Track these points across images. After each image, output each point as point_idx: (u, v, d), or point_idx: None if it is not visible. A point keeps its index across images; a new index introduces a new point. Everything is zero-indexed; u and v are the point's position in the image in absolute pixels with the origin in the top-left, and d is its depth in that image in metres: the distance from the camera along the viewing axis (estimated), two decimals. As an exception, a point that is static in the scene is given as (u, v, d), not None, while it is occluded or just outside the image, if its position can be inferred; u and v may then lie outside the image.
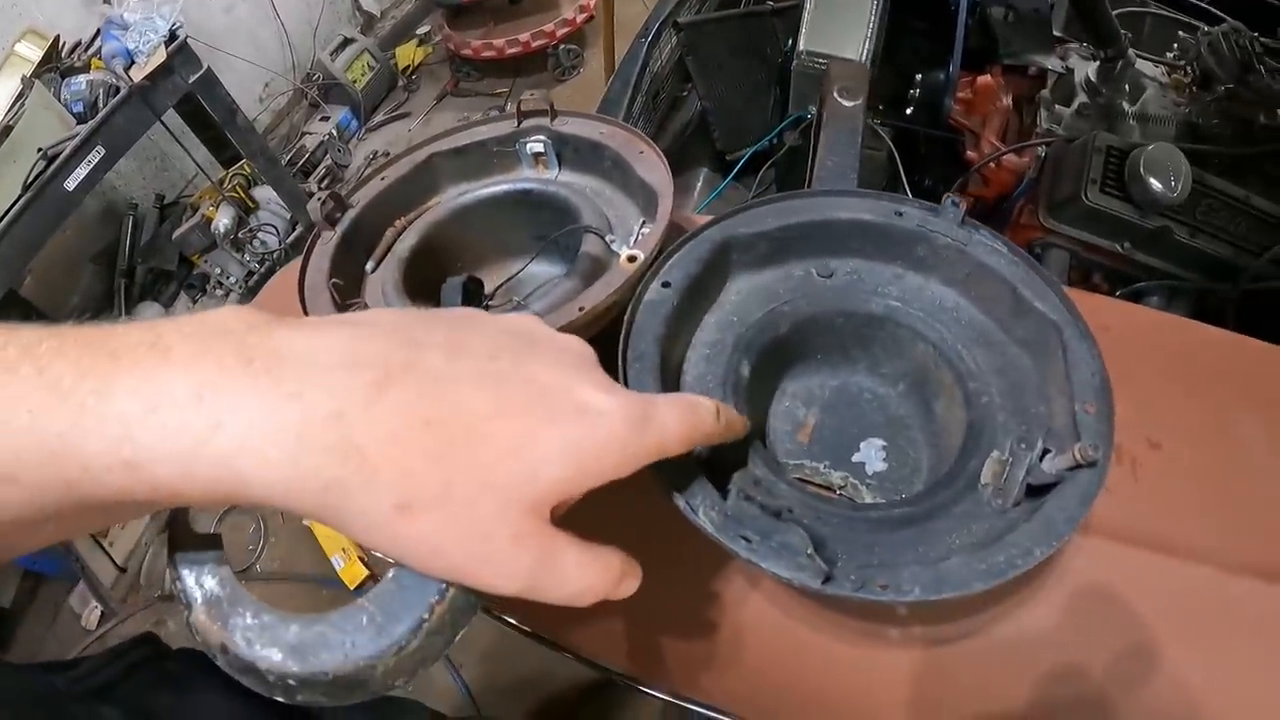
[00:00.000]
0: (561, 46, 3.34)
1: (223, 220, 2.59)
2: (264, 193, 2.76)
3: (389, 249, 0.67)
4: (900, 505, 0.49)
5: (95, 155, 1.98)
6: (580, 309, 0.49)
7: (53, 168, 1.90)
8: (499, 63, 3.39)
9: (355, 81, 3.47)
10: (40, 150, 1.91)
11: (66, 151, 1.92)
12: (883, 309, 0.56)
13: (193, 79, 2.18)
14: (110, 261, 2.84)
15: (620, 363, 0.47)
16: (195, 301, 2.70)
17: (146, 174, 3.00)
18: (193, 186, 3.09)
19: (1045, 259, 0.99)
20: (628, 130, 0.64)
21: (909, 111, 1.07)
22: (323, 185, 3.14)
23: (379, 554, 0.31)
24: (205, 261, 2.70)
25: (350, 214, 0.66)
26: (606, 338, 0.52)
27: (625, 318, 0.49)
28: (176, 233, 2.70)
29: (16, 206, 1.87)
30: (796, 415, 0.56)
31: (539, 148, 0.67)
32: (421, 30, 3.94)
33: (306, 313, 0.59)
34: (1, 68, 2.04)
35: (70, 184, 1.94)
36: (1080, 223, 0.98)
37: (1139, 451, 0.57)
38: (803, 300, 0.55)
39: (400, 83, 3.73)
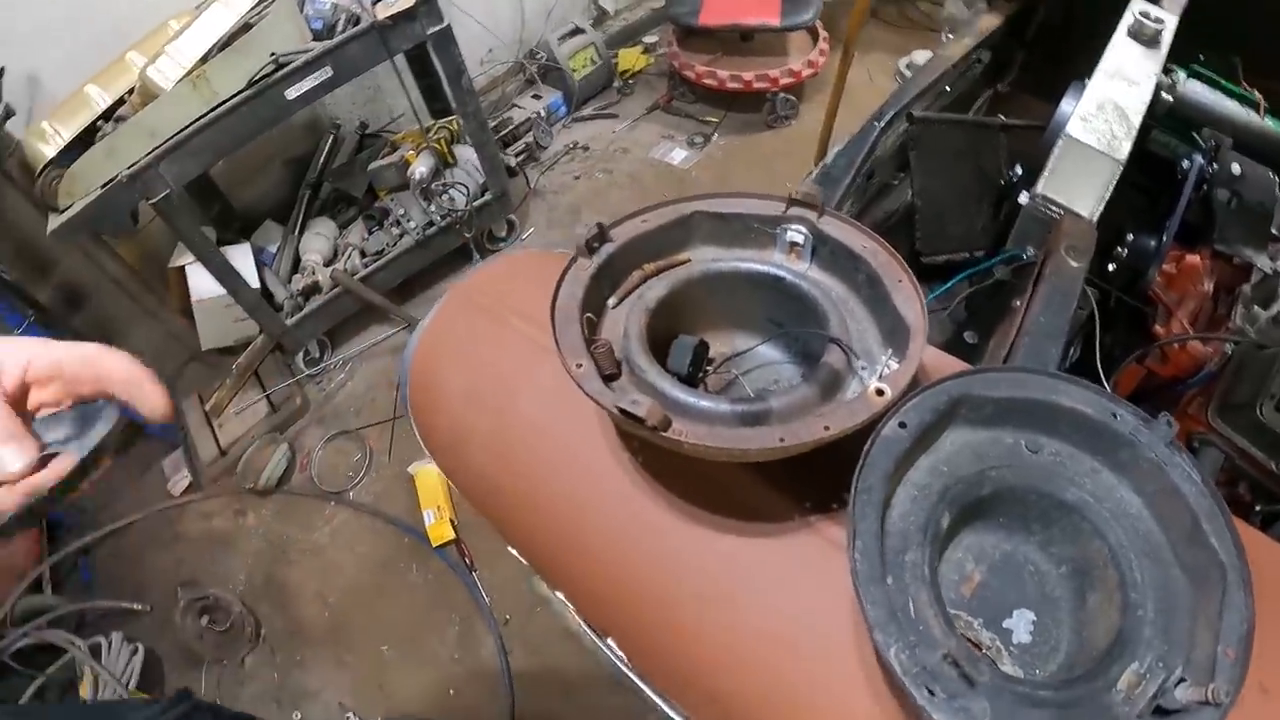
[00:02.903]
0: (780, 95, 3.35)
1: (421, 168, 2.67)
2: (464, 152, 2.84)
3: (632, 290, 0.72)
4: (1044, 688, 0.54)
5: (322, 74, 2.09)
6: (826, 428, 0.55)
7: (280, 74, 2.02)
8: (716, 92, 3.42)
9: (575, 71, 3.55)
10: (273, 54, 2.02)
11: (297, 63, 2.03)
12: (1075, 499, 0.60)
13: (431, 30, 2.27)
14: (301, 170, 2.97)
15: (852, 491, 0.53)
16: (370, 233, 2.78)
17: (357, 100, 3.13)
18: (396, 125, 3.22)
19: (1200, 454, 1.01)
20: (890, 253, 0.67)
21: (1111, 268, 1.08)
22: (520, 159, 3.24)
23: None
24: (392, 199, 2.80)
25: (608, 248, 0.71)
26: (827, 456, 0.58)
27: (864, 449, 0.55)
28: (372, 165, 2.81)
29: (237, 98, 1.99)
30: (965, 567, 0.61)
31: (799, 239, 0.71)
32: (648, 39, 4.00)
33: (555, 337, 0.63)
34: (255, -31, 2.14)
35: (291, 94, 2.06)
36: (1246, 432, 0.99)
37: (1248, 695, 0.58)
38: (1009, 470, 0.60)
39: (616, 84, 3.80)
